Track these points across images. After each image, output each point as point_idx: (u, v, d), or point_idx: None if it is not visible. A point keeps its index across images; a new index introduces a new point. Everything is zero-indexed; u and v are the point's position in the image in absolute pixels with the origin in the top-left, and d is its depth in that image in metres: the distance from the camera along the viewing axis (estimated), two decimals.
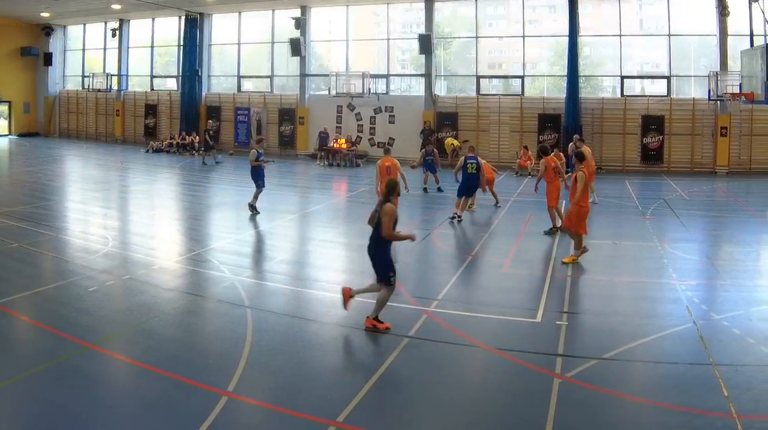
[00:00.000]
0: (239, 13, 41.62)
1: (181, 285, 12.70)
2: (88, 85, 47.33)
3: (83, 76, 49.05)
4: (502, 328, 10.29)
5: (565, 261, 14.27)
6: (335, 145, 35.41)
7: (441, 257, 15.74)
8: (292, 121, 39.56)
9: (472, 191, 19.80)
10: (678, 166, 31.16)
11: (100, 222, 19.21)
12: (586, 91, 33.73)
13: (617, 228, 17.83)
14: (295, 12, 38.41)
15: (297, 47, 38.06)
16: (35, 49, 48.96)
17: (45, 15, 45.37)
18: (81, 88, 49.24)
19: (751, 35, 24.83)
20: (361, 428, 7.07)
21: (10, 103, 48.92)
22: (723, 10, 29.68)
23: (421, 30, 36.09)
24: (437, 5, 36.46)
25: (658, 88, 33.23)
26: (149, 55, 46.65)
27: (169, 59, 46.80)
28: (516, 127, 34.20)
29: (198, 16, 42.00)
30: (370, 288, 10.33)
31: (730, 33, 30.15)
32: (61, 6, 41.65)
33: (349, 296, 10.27)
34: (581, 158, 14.72)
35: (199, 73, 42.43)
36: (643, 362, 9.02)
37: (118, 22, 45.89)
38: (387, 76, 38.19)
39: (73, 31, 50.46)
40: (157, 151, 40.80)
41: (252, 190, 20.00)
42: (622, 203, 22.56)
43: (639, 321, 10.66)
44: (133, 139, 46.29)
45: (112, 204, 23.00)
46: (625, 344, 9.48)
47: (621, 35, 32.87)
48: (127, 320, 10.43)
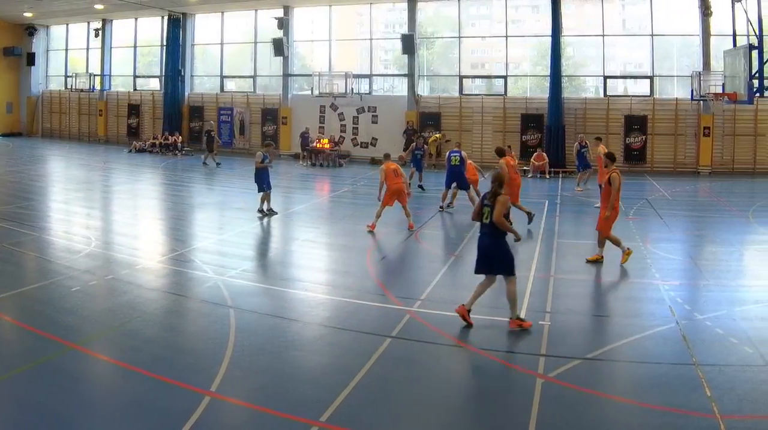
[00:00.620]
0: (222, 13, 41.45)
1: (164, 285, 12.67)
2: (71, 85, 46.92)
3: (66, 76, 48.61)
4: (485, 328, 10.28)
5: (590, 259, 14.22)
6: (318, 145, 35.28)
7: (424, 257, 15.77)
8: (275, 121, 39.46)
9: (455, 181, 20.27)
10: (661, 166, 31.30)
11: (83, 222, 19.17)
12: (568, 91, 33.76)
13: None
14: (278, 12, 38.28)
15: (280, 47, 37.95)
16: (18, 49, 48.65)
17: (28, 15, 45.10)
18: (64, 88, 48.83)
19: (734, 35, 24.88)
20: (344, 428, 7.05)
21: None
22: (706, 10, 29.85)
23: (404, 30, 36.00)
24: (420, 5, 36.38)
25: (641, 88, 33.31)
26: (132, 55, 46.37)
27: (151, 59, 46.64)
28: (499, 127, 34.17)
29: (181, 16, 41.82)
30: (480, 292, 10.38)
31: (712, 33, 30.32)
32: (44, 6, 41.37)
33: (466, 311, 10.29)
34: (613, 159, 14.70)
35: (182, 73, 42.32)
36: (626, 362, 9.06)
37: (101, 22, 45.60)
38: (370, 76, 38.14)
39: (56, 31, 50.11)
40: (139, 151, 40.57)
41: (254, 195, 20.10)
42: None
43: (622, 321, 10.73)
44: (116, 139, 46.03)
45: (94, 204, 22.93)
46: (608, 343, 9.54)
47: (604, 35, 32.93)
48: (110, 320, 10.39)
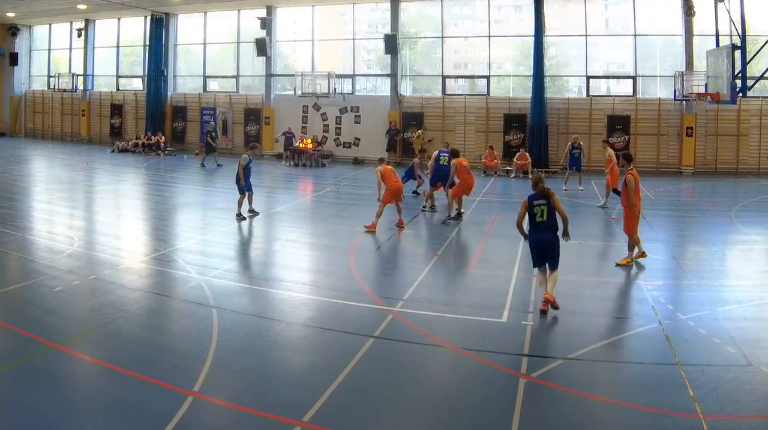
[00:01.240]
0: (205, 13, 41.38)
1: (146, 285, 12.62)
2: (54, 85, 46.68)
3: (49, 76, 48.33)
4: (467, 328, 10.33)
5: (620, 263, 14.03)
6: (301, 145, 35.19)
7: (407, 257, 15.81)
8: (258, 121, 39.42)
9: (441, 181, 20.27)
10: (644, 166, 31.30)
11: (66, 222, 19.08)
12: (551, 91, 33.87)
13: (583, 228, 17.86)
14: (261, 12, 38.27)
15: (263, 47, 37.92)
16: (1, 50, 48.43)
17: (11, 15, 44.87)
18: (47, 88, 48.56)
19: (717, 35, 25.11)
20: (326, 429, 7.06)
21: None
22: (688, 11, 30.09)
23: (387, 30, 36.05)
24: (403, 5, 36.44)
25: (624, 88, 33.50)
26: (115, 55, 46.10)
27: (134, 59, 46.38)
28: (482, 127, 34.32)
29: (163, 16, 41.72)
30: (548, 280, 10.93)
31: (695, 33, 30.58)
32: (27, 6, 41.14)
33: (552, 299, 10.70)
34: (629, 160, 14.74)
35: (165, 73, 42.23)
36: (609, 362, 9.12)
37: (83, 22, 45.44)
38: (353, 76, 38.19)
39: (39, 31, 49.89)
40: (122, 151, 40.41)
41: (233, 196, 19.94)
42: (588, 203, 22.67)
43: (605, 321, 10.79)
44: (99, 139, 45.88)
45: (77, 204, 22.82)
46: (591, 343, 9.56)
47: (587, 35, 33.13)
48: (92, 320, 10.35)
